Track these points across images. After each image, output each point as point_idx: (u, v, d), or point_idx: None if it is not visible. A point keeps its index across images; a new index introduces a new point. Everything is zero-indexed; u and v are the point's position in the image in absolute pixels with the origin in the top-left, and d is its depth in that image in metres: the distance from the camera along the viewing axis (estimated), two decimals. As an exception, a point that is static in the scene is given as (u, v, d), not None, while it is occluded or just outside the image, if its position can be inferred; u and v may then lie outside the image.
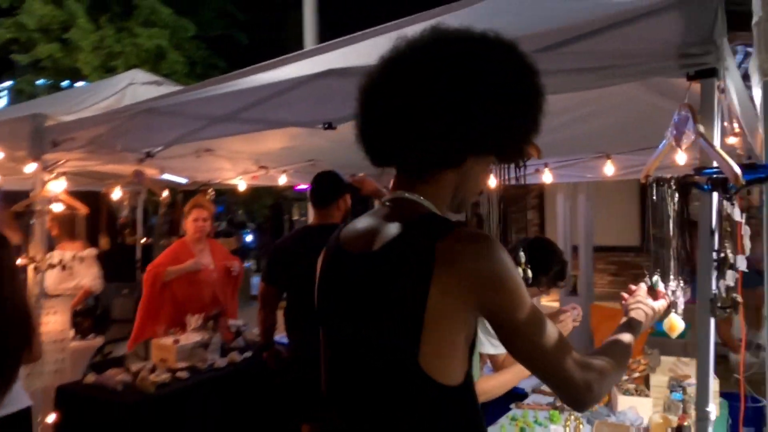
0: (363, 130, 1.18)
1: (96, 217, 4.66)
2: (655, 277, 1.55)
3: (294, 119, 2.09)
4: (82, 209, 3.37)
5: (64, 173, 3.27)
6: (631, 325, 1.36)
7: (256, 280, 12.13)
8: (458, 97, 1.04)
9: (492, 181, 1.68)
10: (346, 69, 1.82)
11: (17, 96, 9.74)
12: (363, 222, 1.20)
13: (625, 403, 2.57)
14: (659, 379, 2.71)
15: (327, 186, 3.12)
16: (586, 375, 1.07)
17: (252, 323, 4.24)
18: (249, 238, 14.02)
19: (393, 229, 1.10)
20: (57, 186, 3.25)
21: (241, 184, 4.50)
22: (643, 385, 2.73)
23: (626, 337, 1.27)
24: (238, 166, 4.33)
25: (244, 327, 3.96)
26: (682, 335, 1.63)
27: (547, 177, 4.72)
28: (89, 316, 4.59)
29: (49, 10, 8.10)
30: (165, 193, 4.11)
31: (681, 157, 3.34)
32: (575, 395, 1.08)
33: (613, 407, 2.60)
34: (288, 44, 11.90)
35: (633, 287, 1.45)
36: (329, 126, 1.91)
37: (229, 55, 9.99)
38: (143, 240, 5.53)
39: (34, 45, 8.50)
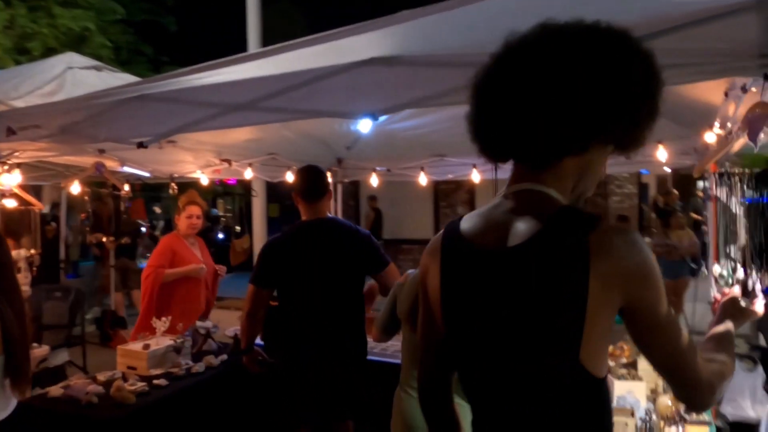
0: (482, 124, 1.14)
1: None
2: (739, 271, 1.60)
3: (329, 109, 1.99)
4: (38, 205, 3.03)
5: (18, 165, 2.93)
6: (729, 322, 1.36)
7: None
8: (589, 83, 1.03)
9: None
10: (394, 57, 1.75)
11: None
12: (486, 216, 1.15)
13: (622, 388, 2.68)
14: (646, 363, 2.86)
15: (317, 179, 3.00)
16: (710, 376, 1.09)
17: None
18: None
19: (531, 222, 1.07)
20: (10, 179, 2.90)
21: (203, 178, 4.25)
22: (634, 370, 2.87)
23: (730, 332, 1.29)
24: (200, 159, 4.09)
25: (214, 329, 3.75)
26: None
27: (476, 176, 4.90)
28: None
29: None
30: (126, 188, 3.79)
31: (662, 154, 3.57)
32: (699, 396, 1.09)
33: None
34: (221, 33, 11.43)
35: (726, 290, 1.46)
36: (372, 116, 1.83)
37: (156, 42, 9.44)
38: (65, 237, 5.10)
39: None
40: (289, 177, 4.83)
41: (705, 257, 5.71)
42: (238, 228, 10.60)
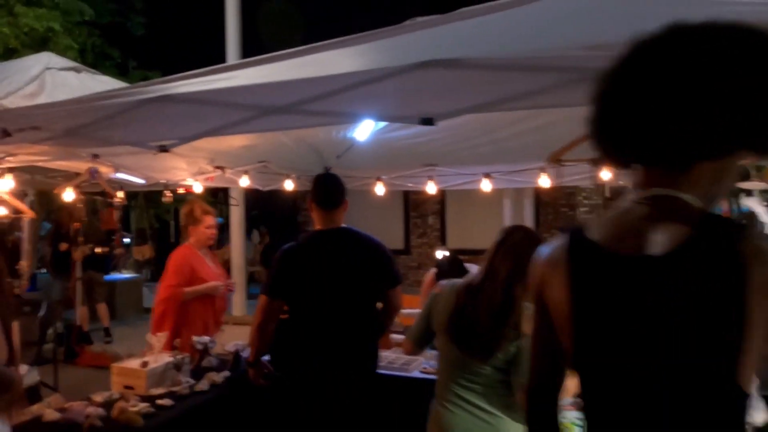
0: (611, 128, 1.08)
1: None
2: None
3: (380, 113, 1.90)
4: (29, 213, 2.80)
5: (11, 169, 2.71)
6: None
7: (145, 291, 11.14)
8: (738, 85, 0.99)
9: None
10: (455, 60, 1.69)
11: None
12: (618, 222, 1.09)
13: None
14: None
15: (334, 187, 2.91)
16: None
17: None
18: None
19: (676, 229, 1.02)
20: (1, 185, 2.68)
21: (197, 186, 4.06)
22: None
23: None
24: (193, 166, 3.91)
25: (212, 343, 3.56)
26: None
27: (485, 185, 4.90)
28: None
29: None
30: (120, 194, 3.57)
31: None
32: None
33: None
34: (191, 36, 11.12)
35: None
36: (428, 122, 1.76)
37: (122, 45, 9.09)
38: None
39: None
40: (288, 185, 4.70)
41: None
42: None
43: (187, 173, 3.91)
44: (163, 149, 2.29)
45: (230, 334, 4.85)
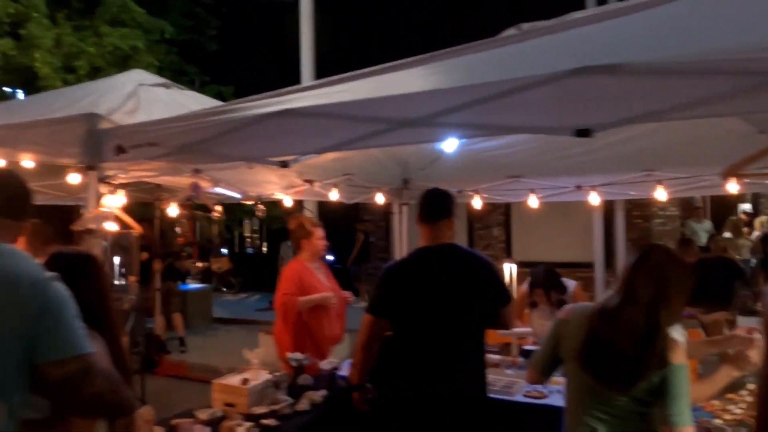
0: None
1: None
2: None
3: (527, 124, 1.78)
4: (137, 228, 2.82)
5: (123, 185, 2.74)
6: None
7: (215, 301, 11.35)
8: None
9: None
10: (615, 66, 1.54)
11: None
12: None
13: None
14: None
15: (438, 200, 2.80)
16: None
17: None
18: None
19: None
20: (114, 201, 2.71)
21: (287, 200, 4.05)
22: None
23: None
24: (283, 180, 3.89)
25: (306, 360, 3.50)
26: None
27: (594, 198, 4.66)
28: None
29: (3, 1, 7.17)
30: (218, 208, 3.59)
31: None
32: None
33: None
34: (262, 51, 11.36)
35: None
36: (584, 133, 1.62)
37: (197, 62, 9.35)
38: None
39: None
40: (380, 198, 4.63)
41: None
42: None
43: (278, 187, 3.90)
44: (284, 164, 2.24)
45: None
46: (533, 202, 4.65)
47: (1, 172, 1.85)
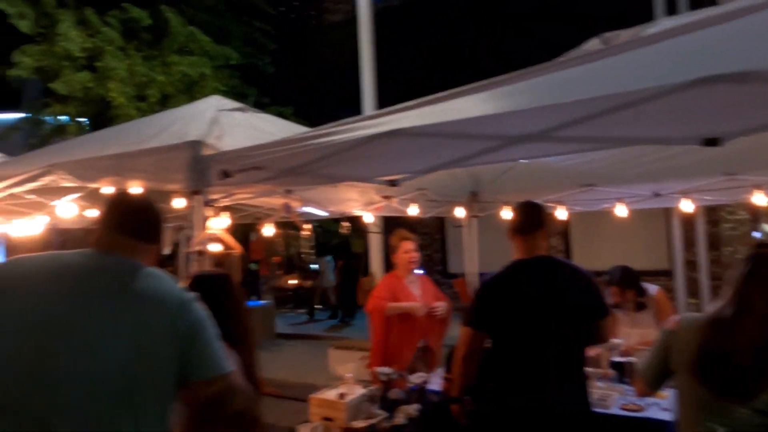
0: None
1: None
2: None
3: (652, 135, 1.78)
4: (238, 249, 2.94)
5: (226, 208, 2.86)
6: None
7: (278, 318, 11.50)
8: None
9: None
10: (747, 74, 1.52)
11: (32, 130, 9.08)
12: None
13: None
14: None
15: (533, 212, 2.80)
16: None
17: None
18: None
19: None
20: (219, 223, 2.83)
21: (367, 216, 4.13)
22: None
23: None
24: (364, 197, 3.97)
25: (396, 375, 3.53)
26: None
27: (686, 205, 4.56)
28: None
29: (81, 37, 7.62)
30: (307, 227, 3.68)
31: None
32: None
33: None
34: (319, 72, 11.65)
35: None
36: (713, 142, 1.61)
37: (255, 84, 9.66)
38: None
39: (56, 74, 7.95)
40: (460, 212, 4.66)
41: None
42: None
43: (358, 204, 3.98)
44: (393, 183, 2.30)
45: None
46: (621, 210, 4.57)
47: (138, 199, 1.90)
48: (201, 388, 1.54)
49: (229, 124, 4.55)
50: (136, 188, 3.17)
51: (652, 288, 4.07)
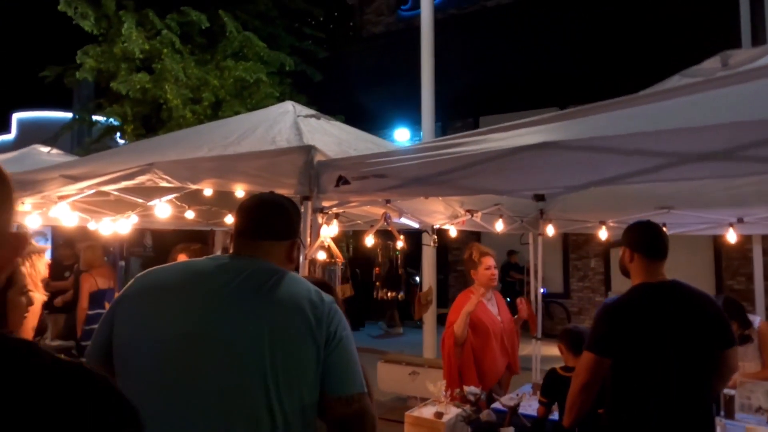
0: None
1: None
2: None
3: None
4: (340, 259, 2.86)
5: (336, 216, 2.79)
6: None
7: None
8: None
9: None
10: None
11: (84, 129, 9.15)
12: None
13: None
14: None
15: (663, 236, 2.69)
16: None
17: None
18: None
19: None
20: (328, 231, 2.76)
21: (452, 230, 4.05)
22: None
23: None
24: (448, 210, 3.89)
25: (484, 395, 3.43)
26: None
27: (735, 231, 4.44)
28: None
29: (141, 38, 7.67)
30: (401, 241, 3.61)
31: None
32: None
33: None
34: (353, 81, 11.65)
35: None
36: None
37: (304, 91, 9.66)
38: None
39: (113, 75, 8.00)
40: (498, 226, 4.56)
41: None
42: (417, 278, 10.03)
43: (443, 217, 3.89)
44: (540, 198, 2.22)
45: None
46: (734, 236, 4.44)
47: (266, 199, 1.76)
48: (337, 405, 1.42)
49: (309, 130, 4.50)
50: (240, 191, 3.12)
51: (756, 319, 3.92)
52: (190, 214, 4.17)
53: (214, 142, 3.99)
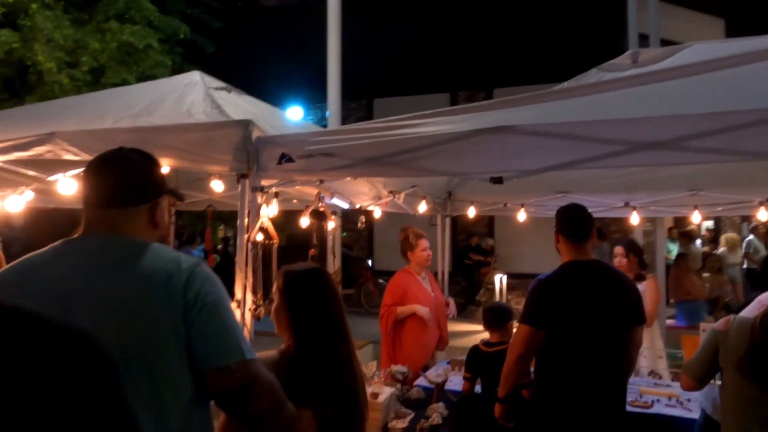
0: None
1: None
2: None
3: None
4: (277, 240, 2.74)
5: (276, 195, 2.65)
6: None
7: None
8: None
9: None
10: None
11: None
12: None
13: None
14: None
15: (585, 219, 2.88)
16: None
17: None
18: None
19: None
20: (269, 211, 2.62)
21: (377, 211, 4.02)
22: None
23: None
24: (372, 191, 3.87)
25: (410, 373, 3.48)
26: None
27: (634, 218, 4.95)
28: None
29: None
30: (333, 221, 3.50)
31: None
32: None
33: None
34: (255, 56, 11.11)
35: None
36: None
37: (194, 62, 9.03)
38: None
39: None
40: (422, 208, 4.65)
41: None
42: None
43: (368, 198, 3.87)
44: (497, 181, 2.25)
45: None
46: (635, 220, 4.84)
47: (110, 156, 1.47)
48: (214, 379, 1.27)
49: (226, 103, 4.23)
50: (164, 167, 2.85)
51: (650, 275, 4.40)
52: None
53: (118, 111, 3.61)
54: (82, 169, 3.21)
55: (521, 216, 5.19)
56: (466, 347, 3.53)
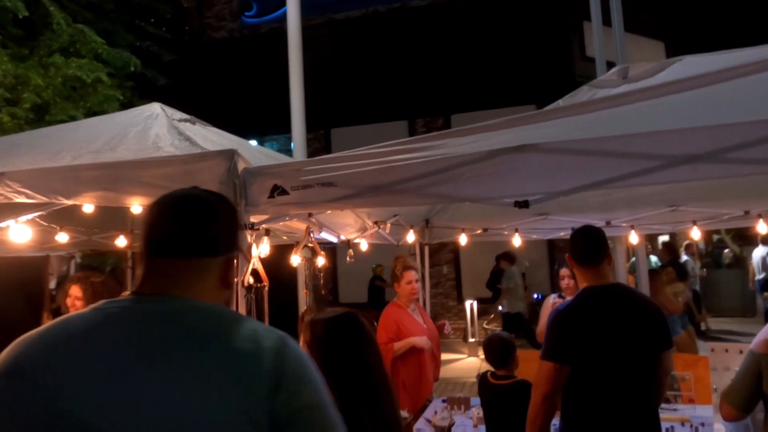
0: None
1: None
2: None
3: None
4: (267, 283, 2.45)
5: (267, 232, 2.38)
6: None
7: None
8: None
9: None
10: None
11: None
12: None
13: None
14: None
15: (599, 239, 2.72)
16: None
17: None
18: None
19: None
20: (261, 251, 2.34)
21: (363, 243, 3.78)
22: None
23: None
24: (358, 222, 3.63)
25: (411, 418, 3.20)
26: None
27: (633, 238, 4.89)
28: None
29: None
30: (322, 257, 3.21)
31: None
32: None
33: None
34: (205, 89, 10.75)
35: None
36: None
37: (144, 95, 8.64)
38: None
39: None
40: (410, 237, 4.45)
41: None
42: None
43: (354, 229, 3.62)
44: (522, 205, 2.06)
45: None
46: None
47: (182, 195, 1.22)
48: None
49: (194, 134, 3.95)
50: (137, 206, 2.53)
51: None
52: (63, 237, 3.37)
53: (75, 147, 3.28)
54: (37, 214, 2.86)
55: (516, 241, 5.07)
56: (450, 379, 3.35)
